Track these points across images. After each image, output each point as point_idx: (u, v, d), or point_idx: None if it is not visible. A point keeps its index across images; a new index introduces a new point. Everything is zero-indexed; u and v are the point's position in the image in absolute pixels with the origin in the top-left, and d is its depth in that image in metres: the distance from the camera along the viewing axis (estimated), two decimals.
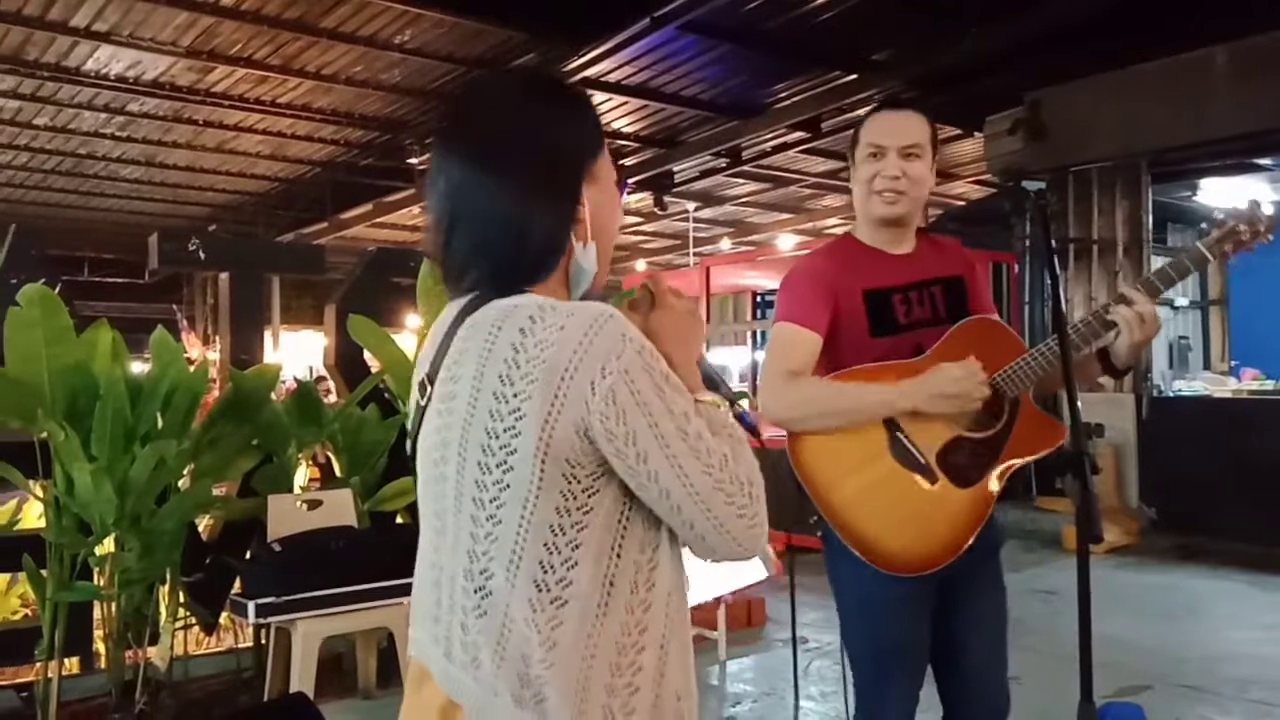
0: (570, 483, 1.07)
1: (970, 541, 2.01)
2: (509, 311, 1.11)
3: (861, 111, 8.36)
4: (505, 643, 1.08)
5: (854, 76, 7.86)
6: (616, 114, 8.97)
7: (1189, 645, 4.92)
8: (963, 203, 12.16)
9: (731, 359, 12.17)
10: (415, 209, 12.31)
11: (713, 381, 1.25)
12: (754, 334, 10.40)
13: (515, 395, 1.06)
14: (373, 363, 4.74)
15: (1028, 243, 9.20)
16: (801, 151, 9.73)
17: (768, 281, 10.13)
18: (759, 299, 10.96)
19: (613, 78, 7.95)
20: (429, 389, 1.19)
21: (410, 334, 5.09)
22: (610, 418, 1.05)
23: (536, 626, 1.06)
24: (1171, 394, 8.56)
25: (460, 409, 1.12)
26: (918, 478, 2.01)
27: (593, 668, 1.07)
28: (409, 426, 1.26)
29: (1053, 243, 1.93)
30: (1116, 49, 7.48)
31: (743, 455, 1.14)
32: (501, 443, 1.07)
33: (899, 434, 2.03)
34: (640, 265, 16.78)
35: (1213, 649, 4.84)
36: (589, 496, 1.09)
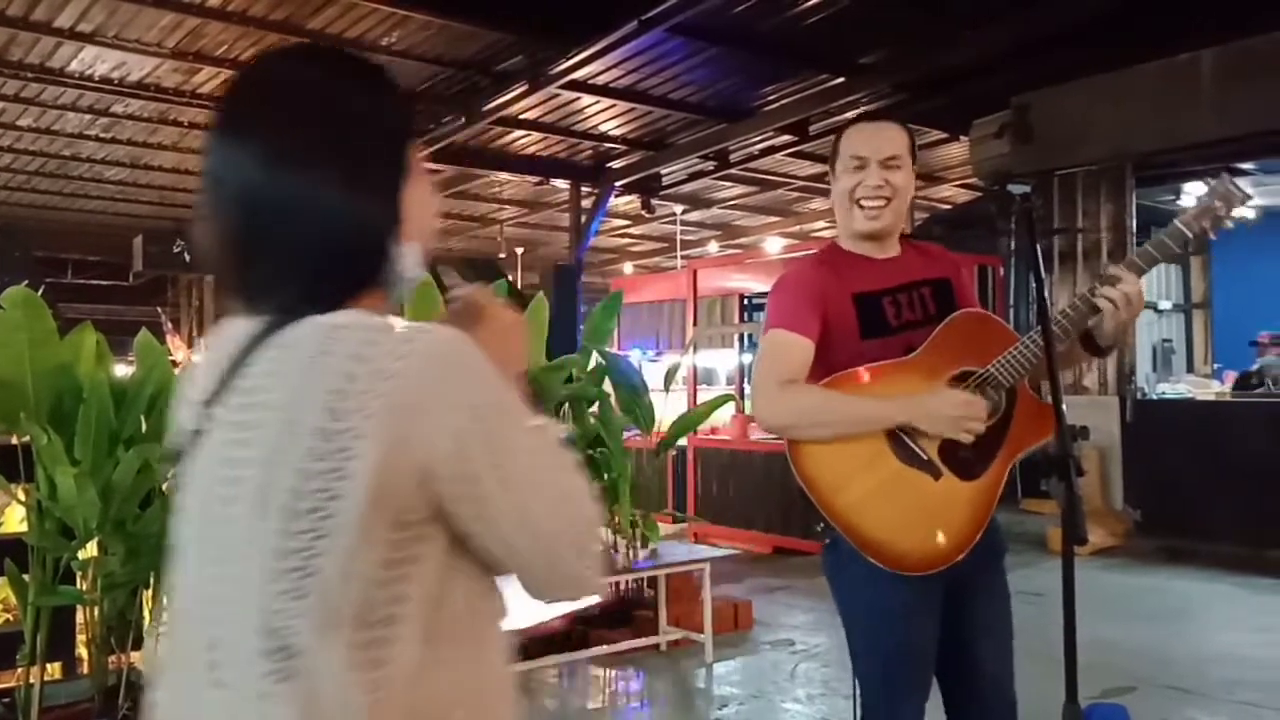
0: (399, 531, 0.94)
1: (982, 533, 2.02)
2: (333, 332, 0.95)
3: (849, 115, 8.44)
4: (313, 715, 0.92)
5: (841, 80, 7.88)
6: (605, 116, 8.98)
7: (1175, 646, 4.95)
8: (949, 206, 12.22)
9: (719, 362, 12.19)
10: None
11: (533, 402, 1.15)
12: (741, 337, 10.41)
13: (344, 432, 0.91)
14: None
15: (1013, 246, 9.25)
16: (789, 155, 9.76)
17: (755, 284, 10.14)
18: (746, 302, 10.97)
19: (601, 80, 7.95)
20: (210, 415, 1.00)
21: None
22: (456, 459, 0.94)
23: (356, 689, 0.92)
24: (1155, 397, 8.61)
25: (265, 442, 0.94)
26: (922, 475, 2.01)
27: None
28: (173, 453, 1.07)
29: (1038, 246, 1.93)
30: (1102, 53, 7.53)
31: (581, 488, 1.03)
32: (319, 485, 0.91)
33: (900, 433, 2.03)
34: (628, 268, 16.80)
35: (1199, 650, 4.87)
36: (418, 545, 0.96)
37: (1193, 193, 9.37)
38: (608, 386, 5.22)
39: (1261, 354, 9.16)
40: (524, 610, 1.28)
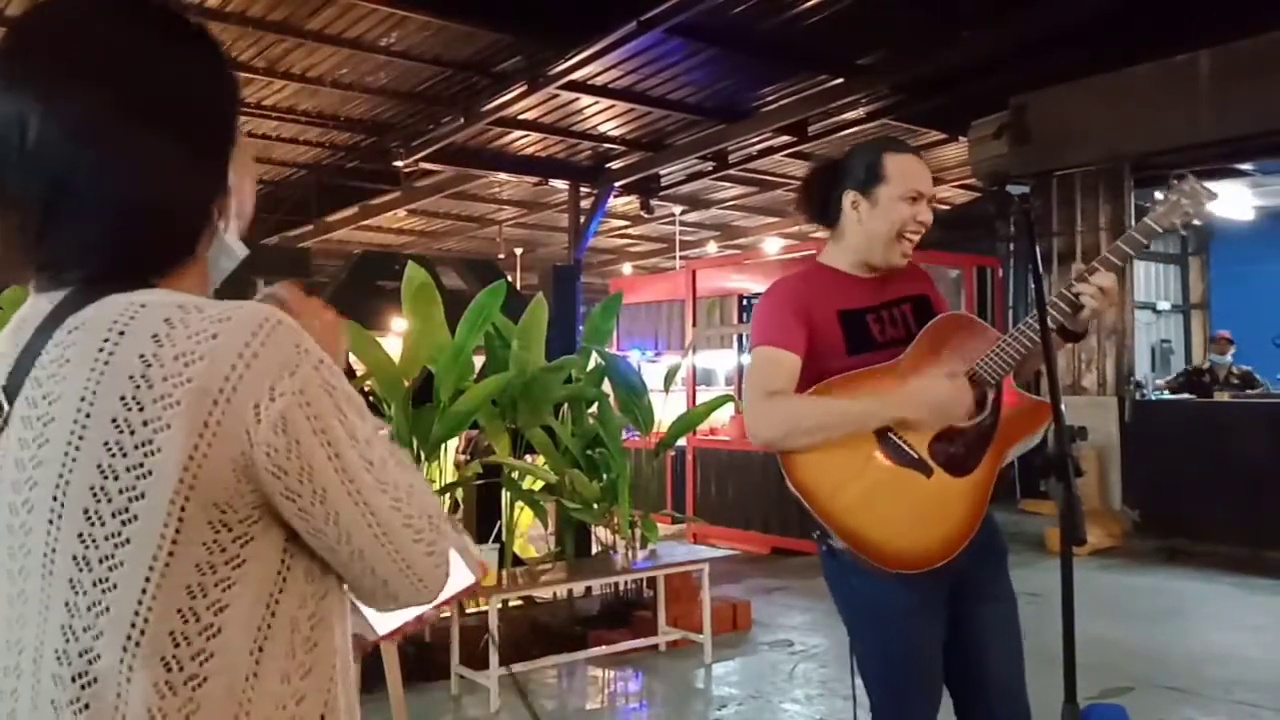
0: (218, 531, 0.84)
1: (977, 527, 2.02)
2: (134, 311, 0.84)
3: (848, 116, 8.44)
4: None
5: (840, 80, 7.89)
6: (604, 117, 8.98)
7: (1173, 647, 4.95)
8: (947, 207, 12.23)
9: (718, 362, 12.19)
10: (402, 212, 12.29)
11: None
12: (740, 337, 10.42)
13: (146, 424, 0.81)
14: (358, 366, 4.73)
15: (1012, 247, 9.26)
16: (788, 155, 9.76)
17: (754, 285, 10.14)
18: (745, 302, 10.98)
19: (600, 81, 7.95)
20: (6, 409, 0.87)
21: (396, 337, 5.09)
22: (280, 451, 0.83)
23: (165, 716, 0.82)
24: (1154, 397, 8.62)
25: (58, 438, 0.83)
26: (914, 473, 2.02)
27: None
28: None
29: (1037, 247, 1.94)
30: (1101, 54, 7.54)
31: (421, 482, 0.96)
32: (123, 485, 0.81)
33: (889, 433, 2.04)
34: (626, 269, 16.80)
35: (1196, 650, 4.87)
36: (241, 545, 0.85)
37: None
38: (607, 387, 5.23)
39: (1221, 351, 9.19)
40: (379, 619, 1.17)
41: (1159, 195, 2.14)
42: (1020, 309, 9.31)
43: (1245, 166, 8.70)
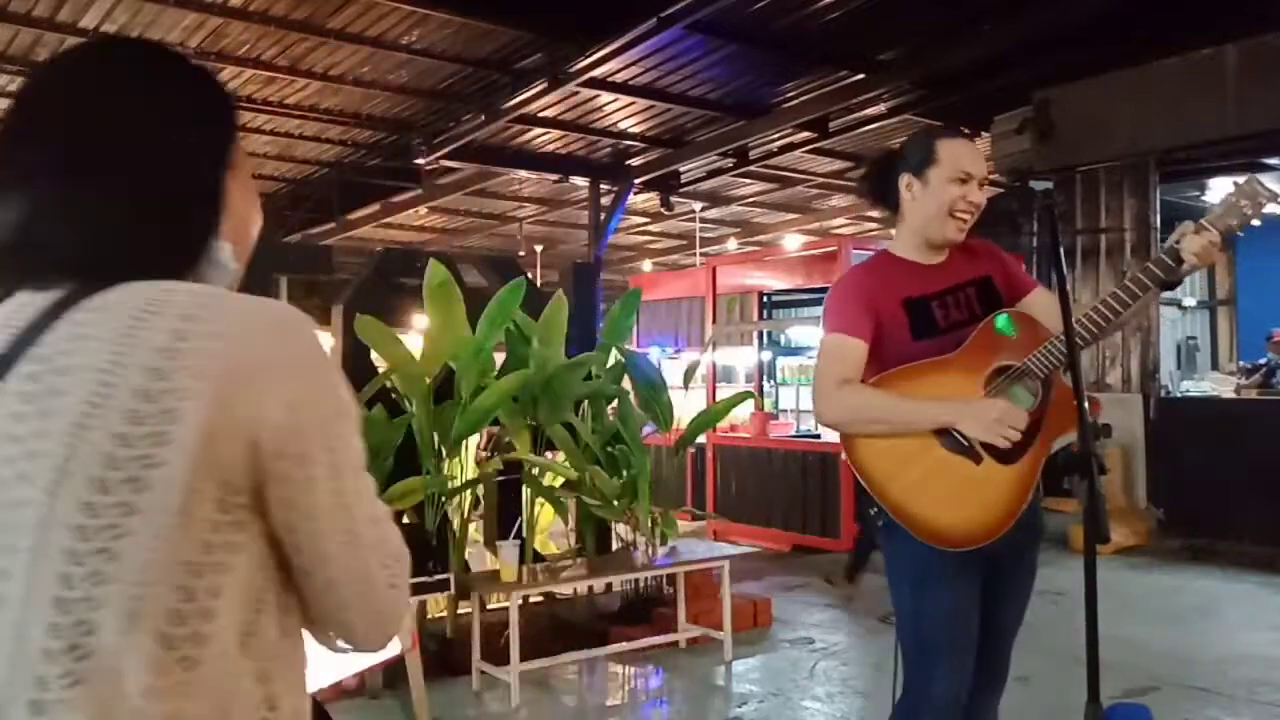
0: (221, 511, 0.85)
1: (1021, 512, 2.15)
2: (164, 296, 0.87)
3: (869, 111, 8.39)
4: None
5: (861, 76, 7.85)
6: (623, 114, 8.97)
7: (1197, 646, 4.91)
8: None
9: (738, 359, 12.16)
10: (423, 209, 12.35)
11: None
12: (760, 334, 10.40)
13: (168, 392, 0.82)
14: (379, 363, 4.75)
15: (1035, 243, 9.18)
16: (808, 151, 9.72)
17: (774, 281, 10.11)
18: (765, 299, 10.94)
19: (620, 78, 7.95)
20: None
21: (417, 334, 5.11)
22: (287, 433, 0.86)
23: (159, 696, 0.82)
24: (1179, 395, 8.53)
25: (68, 409, 0.83)
26: (965, 460, 2.15)
27: None
28: None
29: (1060, 243, 1.94)
30: (1125, 48, 7.47)
31: (391, 520, 0.98)
32: (138, 453, 0.81)
33: None
34: (646, 265, 16.80)
35: (1222, 650, 4.83)
36: (237, 532, 0.86)
37: (1218, 189, 9.27)
38: (627, 384, 5.23)
39: (1277, 351, 9.10)
40: (324, 664, 1.16)
41: (1216, 182, 2.19)
42: None
43: (1273, 161, 8.58)
